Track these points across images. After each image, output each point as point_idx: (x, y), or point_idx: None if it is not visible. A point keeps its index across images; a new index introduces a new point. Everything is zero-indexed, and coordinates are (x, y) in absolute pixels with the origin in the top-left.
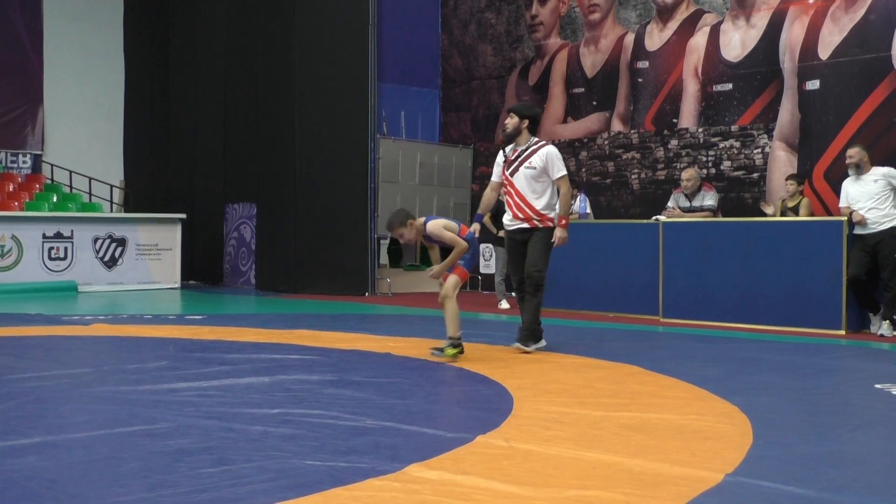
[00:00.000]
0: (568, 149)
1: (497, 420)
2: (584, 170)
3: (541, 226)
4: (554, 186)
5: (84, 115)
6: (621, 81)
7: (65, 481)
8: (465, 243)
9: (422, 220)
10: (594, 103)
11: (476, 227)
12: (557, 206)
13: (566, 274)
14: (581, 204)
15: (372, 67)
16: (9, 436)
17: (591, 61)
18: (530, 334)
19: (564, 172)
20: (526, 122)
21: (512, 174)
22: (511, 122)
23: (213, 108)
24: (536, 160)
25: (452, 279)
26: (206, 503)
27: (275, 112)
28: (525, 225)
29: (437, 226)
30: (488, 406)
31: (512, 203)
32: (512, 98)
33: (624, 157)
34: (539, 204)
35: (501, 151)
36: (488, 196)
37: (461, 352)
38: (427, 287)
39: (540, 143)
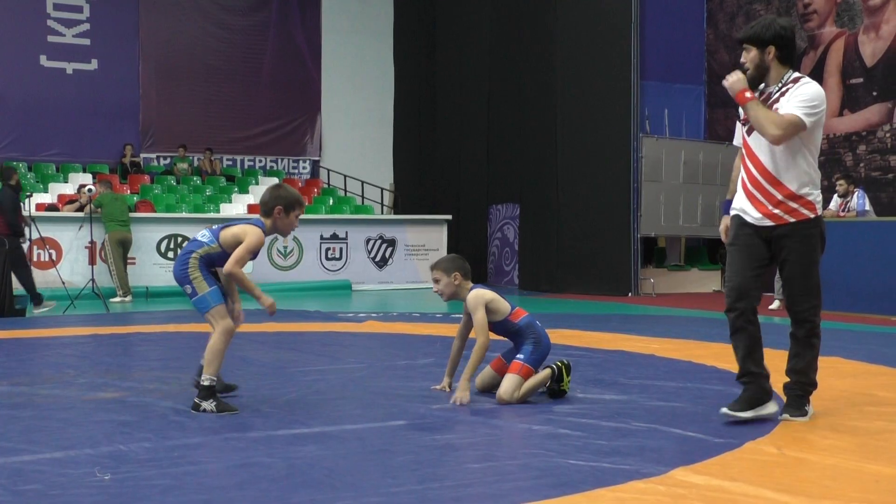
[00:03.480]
0: (845, 143)
1: (767, 426)
2: (862, 165)
3: (795, 219)
4: (808, 149)
5: (357, 123)
6: None
7: (341, 471)
8: (487, 339)
9: (469, 284)
10: (874, 94)
11: (724, 224)
12: (815, 181)
13: (843, 275)
14: (860, 201)
15: (635, 65)
16: (292, 425)
17: (871, 49)
18: (798, 400)
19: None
20: (772, 51)
21: (749, 132)
22: (749, 56)
23: (477, 112)
24: (787, 104)
25: (513, 380)
26: (471, 498)
27: (537, 113)
28: (767, 222)
29: (479, 298)
30: None
31: (746, 180)
32: None
33: None
34: (791, 181)
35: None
36: (736, 172)
37: None
38: (692, 287)
39: (798, 79)
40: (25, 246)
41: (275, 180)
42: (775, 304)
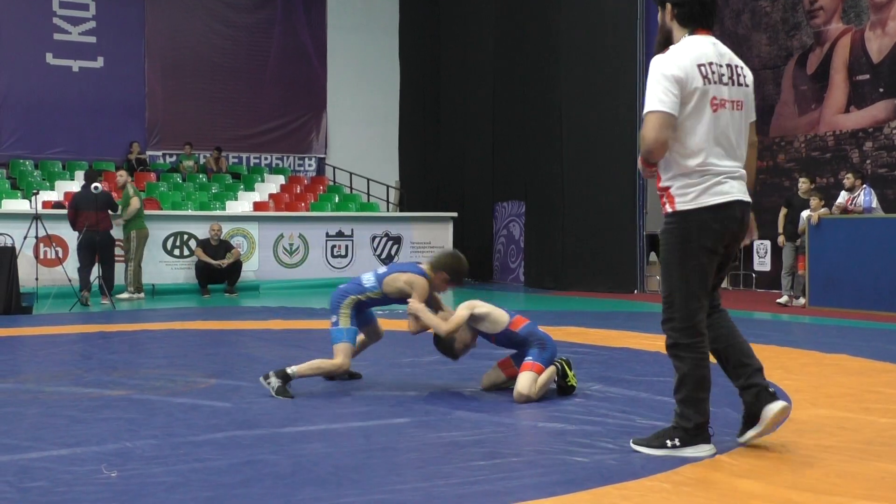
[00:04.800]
0: (851, 139)
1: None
2: (868, 161)
3: (663, 213)
4: (681, 135)
5: (362, 120)
6: None
7: (346, 468)
8: (451, 328)
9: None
10: (881, 90)
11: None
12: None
13: (849, 272)
14: (866, 198)
15: (640, 66)
16: (297, 422)
17: (878, 45)
18: (664, 431)
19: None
20: (669, 9)
21: None
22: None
23: (482, 110)
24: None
25: (529, 377)
26: (476, 495)
27: (542, 110)
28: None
29: (466, 303)
30: None
31: None
32: (788, 89)
33: None
34: (664, 172)
35: None
36: None
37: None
38: None
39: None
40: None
41: (280, 178)
42: (783, 299)
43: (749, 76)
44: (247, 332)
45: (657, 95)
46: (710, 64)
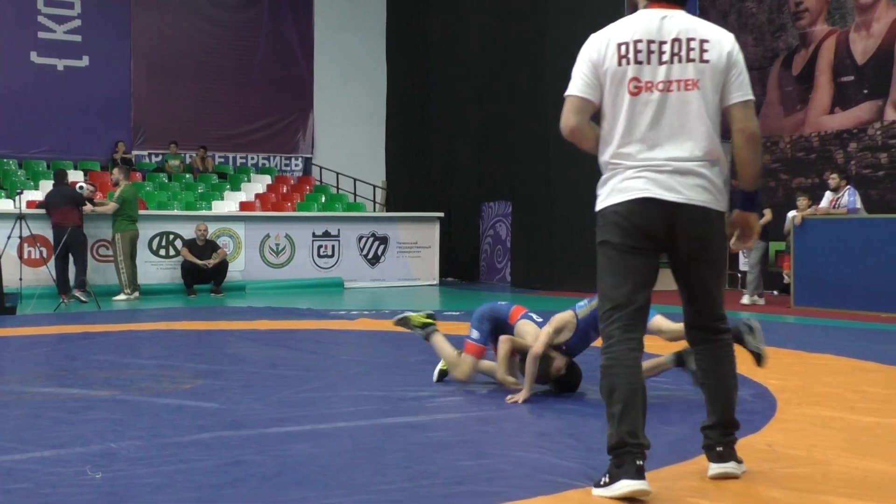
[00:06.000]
0: (836, 140)
1: (759, 423)
2: (853, 162)
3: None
4: (603, 130)
5: (349, 120)
6: None
7: (333, 468)
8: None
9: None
10: (865, 91)
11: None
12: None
13: (834, 272)
14: (851, 199)
15: None
16: (284, 423)
17: (863, 47)
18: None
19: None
20: None
21: None
22: None
23: (469, 110)
24: None
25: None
26: (462, 495)
27: (528, 110)
28: None
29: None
30: (749, 408)
31: None
32: (774, 90)
33: None
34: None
35: None
36: None
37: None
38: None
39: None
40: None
41: (267, 178)
42: (745, 299)
43: (715, 50)
44: (233, 332)
45: (572, 78)
46: (637, 42)
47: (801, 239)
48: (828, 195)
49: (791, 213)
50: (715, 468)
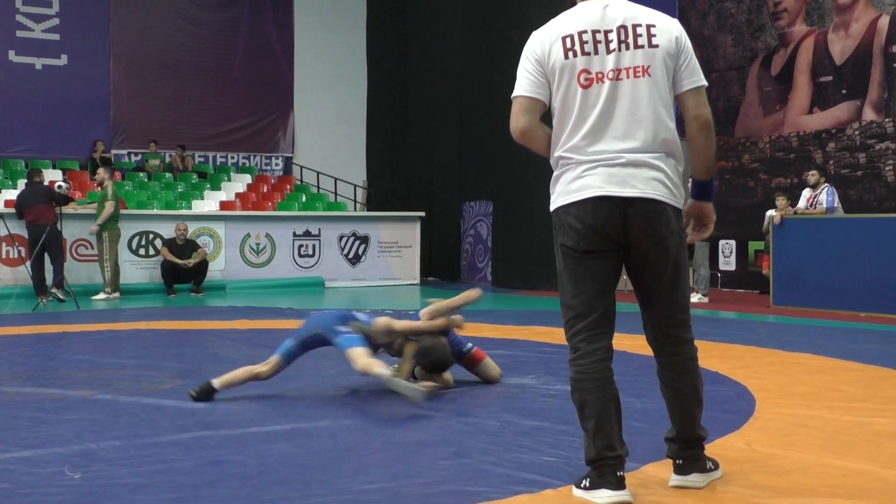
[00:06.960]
0: (814, 140)
1: (738, 422)
2: (831, 162)
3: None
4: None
5: (330, 119)
6: (874, 68)
7: (314, 468)
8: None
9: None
10: (843, 92)
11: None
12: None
13: (812, 271)
14: (829, 198)
15: None
16: (264, 422)
17: (841, 47)
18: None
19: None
20: None
21: None
22: None
23: (450, 109)
24: None
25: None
26: (444, 494)
27: (509, 110)
28: None
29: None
30: (728, 407)
31: None
32: (753, 90)
33: (877, 147)
34: None
35: None
36: None
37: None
38: None
39: None
40: None
41: (247, 177)
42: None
43: (664, 35)
44: (213, 331)
45: (517, 79)
46: (583, 33)
47: (780, 238)
48: (805, 192)
49: (770, 213)
50: (675, 480)
